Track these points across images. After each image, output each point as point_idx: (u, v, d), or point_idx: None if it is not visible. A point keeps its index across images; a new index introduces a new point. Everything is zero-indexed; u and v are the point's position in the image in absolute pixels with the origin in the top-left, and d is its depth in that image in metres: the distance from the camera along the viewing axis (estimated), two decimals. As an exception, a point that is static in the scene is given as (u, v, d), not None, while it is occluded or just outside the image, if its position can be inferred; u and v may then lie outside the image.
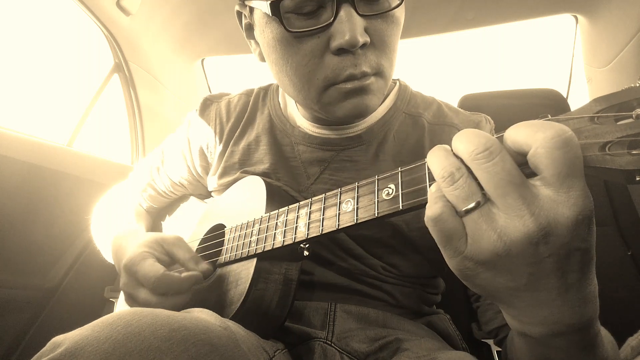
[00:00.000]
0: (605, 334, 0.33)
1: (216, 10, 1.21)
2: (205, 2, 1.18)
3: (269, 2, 0.43)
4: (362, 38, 0.42)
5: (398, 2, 0.44)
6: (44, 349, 0.29)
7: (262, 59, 0.54)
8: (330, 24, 0.42)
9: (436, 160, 0.27)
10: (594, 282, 0.26)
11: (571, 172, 0.22)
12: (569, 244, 0.23)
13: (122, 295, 0.74)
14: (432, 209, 0.26)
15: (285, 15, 0.43)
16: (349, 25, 0.41)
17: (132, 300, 0.47)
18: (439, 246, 0.27)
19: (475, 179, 0.25)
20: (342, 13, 0.41)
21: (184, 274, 0.45)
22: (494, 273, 0.26)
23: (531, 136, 0.23)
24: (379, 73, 0.46)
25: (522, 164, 0.24)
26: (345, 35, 0.41)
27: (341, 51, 0.43)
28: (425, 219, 0.27)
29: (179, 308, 0.43)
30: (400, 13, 0.47)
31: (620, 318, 0.83)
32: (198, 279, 0.46)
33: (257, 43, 0.53)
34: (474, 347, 0.56)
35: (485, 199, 0.25)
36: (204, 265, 0.48)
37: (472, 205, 0.25)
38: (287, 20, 0.43)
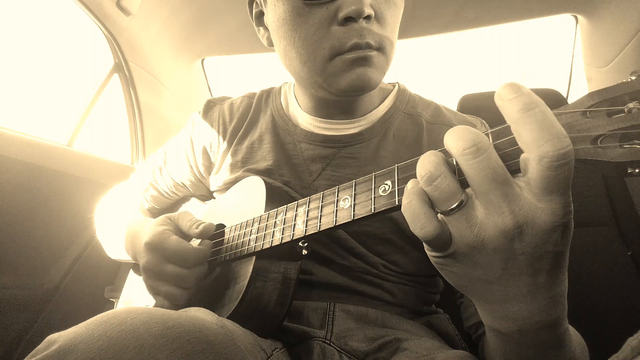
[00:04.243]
0: (574, 335, 0.35)
1: (216, 10, 1.21)
2: (205, 2, 1.18)
3: None
4: (368, 9, 0.45)
5: None
6: (39, 346, 0.29)
7: (270, 44, 0.58)
8: None
9: (420, 160, 0.27)
10: (564, 283, 0.28)
11: (557, 190, 0.23)
12: (542, 245, 0.24)
13: (122, 294, 0.74)
14: (404, 206, 0.27)
15: None
16: None
17: (156, 278, 0.48)
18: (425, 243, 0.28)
19: (458, 176, 0.26)
20: None
21: (200, 243, 0.49)
22: (470, 266, 0.27)
23: (535, 145, 0.22)
24: (381, 49, 0.49)
25: (512, 158, 0.25)
26: (352, 4, 0.45)
27: (347, 21, 0.46)
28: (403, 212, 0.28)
29: (200, 278, 0.48)
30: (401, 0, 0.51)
31: (621, 318, 0.83)
32: (210, 245, 0.51)
33: (265, 29, 0.58)
34: (473, 347, 0.55)
35: (467, 198, 0.26)
36: (202, 225, 0.50)
37: (454, 205, 0.26)
38: None
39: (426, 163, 0.26)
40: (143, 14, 1.20)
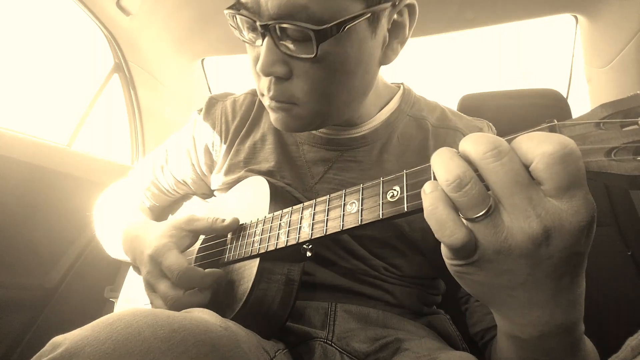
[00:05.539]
0: (586, 340, 0.34)
1: (216, 10, 1.21)
2: (205, 2, 1.18)
3: (226, 9, 0.45)
4: (275, 70, 0.43)
5: (312, 54, 0.41)
6: (44, 349, 0.29)
7: None
8: (259, 46, 0.43)
9: (440, 161, 0.26)
10: (583, 284, 0.27)
11: (571, 184, 0.23)
12: (569, 248, 0.24)
13: (122, 294, 0.74)
14: (428, 212, 0.26)
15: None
16: (264, 57, 0.42)
17: (151, 290, 0.47)
18: (446, 250, 0.27)
19: (481, 181, 0.25)
20: (265, 42, 0.42)
21: (207, 270, 0.45)
22: (494, 273, 0.26)
23: (531, 150, 0.23)
24: (297, 104, 0.46)
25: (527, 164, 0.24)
26: (260, 63, 0.43)
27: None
28: (426, 218, 0.26)
29: (197, 305, 0.44)
30: (335, 57, 0.43)
31: (621, 318, 0.83)
32: (221, 276, 0.46)
33: None
34: (474, 347, 0.55)
35: (494, 203, 0.24)
36: (228, 220, 0.49)
37: (482, 212, 0.24)
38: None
39: (453, 167, 0.25)
40: (143, 14, 1.19)
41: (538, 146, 0.23)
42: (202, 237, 0.61)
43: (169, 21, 1.26)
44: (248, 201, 0.54)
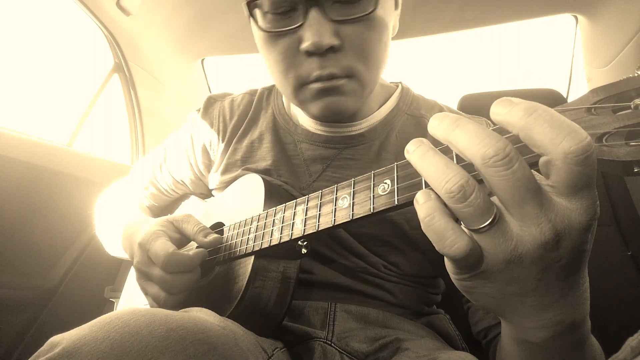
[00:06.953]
0: (591, 336, 0.34)
1: (216, 10, 1.21)
2: (205, 2, 1.18)
3: (245, 2, 0.45)
4: (330, 41, 0.44)
5: (372, 8, 0.43)
6: (42, 348, 0.29)
7: None
8: (301, 25, 0.44)
9: (435, 170, 0.24)
10: (587, 278, 0.27)
11: (586, 185, 0.21)
12: (577, 247, 0.23)
13: (123, 294, 0.74)
14: (425, 224, 0.24)
15: (265, 14, 0.46)
16: (316, 29, 0.43)
17: (145, 278, 0.48)
18: (450, 264, 0.26)
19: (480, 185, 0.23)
20: (311, 16, 0.43)
21: (191, 252, 0.46)
22: (504, 283, 0.25)
23: (550, 144, 0.20)
24: (351, 76, 0.47)
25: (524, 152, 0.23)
26: (310, 38, 0.43)
27: (310, 53, 0.45)
28: (425, 232, 0.25)
29: (189, 286, 0.45)
30: (382, 16, 0.46)
31: (620, 318, 0.83)
32: (204, 255, 0.47)
33: None
34: (473, 347, 0.55)
35: (500, 211, 0.23)
36: (212, 236, 0.49)
37: (487, 222, 0.23)
38: (265, 19, 0.46)
39: (452, 176, 0.23)
40: (143, 14, 1.20)
41: (562, 142, 0.20)
42: None
43: (169, 21, 1.26)
44: (243, 200, 0.54)
